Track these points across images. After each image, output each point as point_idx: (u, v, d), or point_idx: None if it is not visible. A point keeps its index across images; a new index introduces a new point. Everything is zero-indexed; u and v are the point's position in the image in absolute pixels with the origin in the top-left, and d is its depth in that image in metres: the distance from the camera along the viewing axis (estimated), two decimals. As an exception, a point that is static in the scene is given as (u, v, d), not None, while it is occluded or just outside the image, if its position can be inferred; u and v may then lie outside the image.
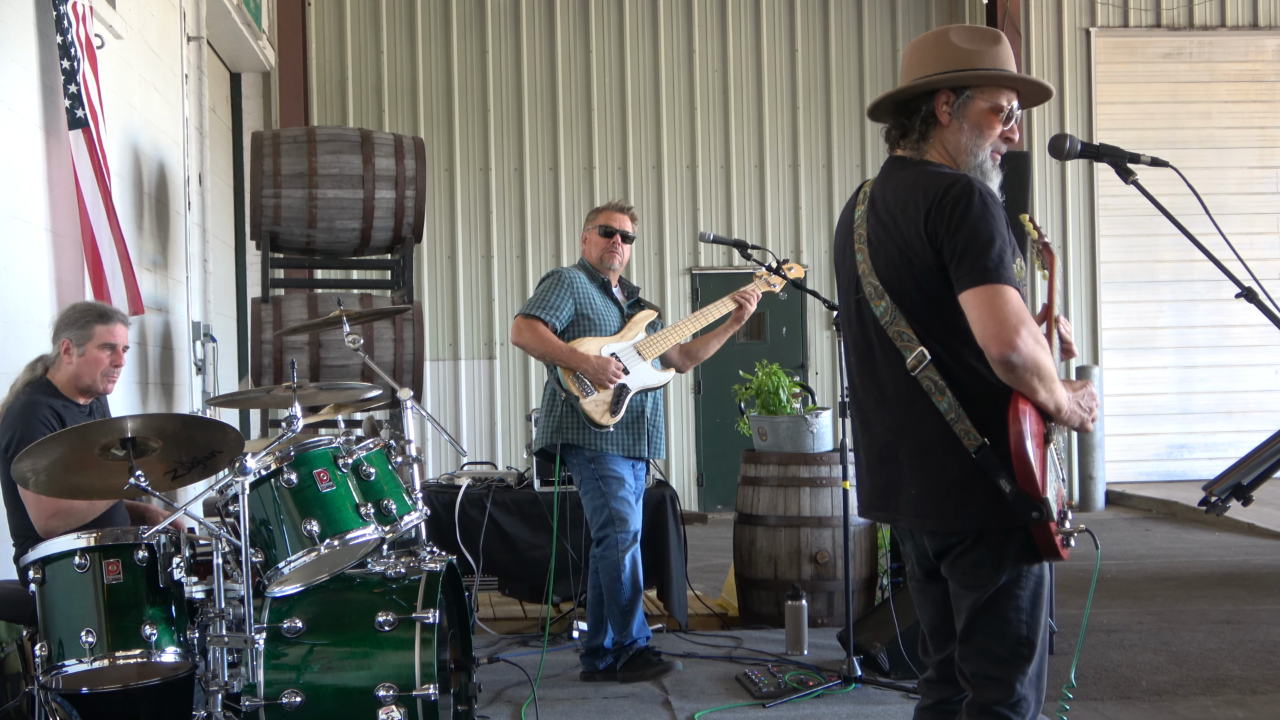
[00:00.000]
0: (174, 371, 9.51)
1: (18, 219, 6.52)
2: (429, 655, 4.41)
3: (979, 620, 3.22)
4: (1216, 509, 3.00)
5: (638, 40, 14.63)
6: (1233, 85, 15.06)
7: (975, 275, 3.07)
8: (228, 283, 12.62)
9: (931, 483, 3.24)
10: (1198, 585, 9.20)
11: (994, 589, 3.19)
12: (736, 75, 14.73)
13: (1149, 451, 15.03)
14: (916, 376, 3.19)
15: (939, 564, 3.32)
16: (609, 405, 6.13)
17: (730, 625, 7.73)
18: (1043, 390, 3.10)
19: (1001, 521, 3.14)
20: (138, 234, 8.74)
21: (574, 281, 6.28)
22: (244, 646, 4.32)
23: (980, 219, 3.09)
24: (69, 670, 4.26)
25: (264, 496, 4.49)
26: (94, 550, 4.31)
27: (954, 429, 3.16)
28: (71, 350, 5.04)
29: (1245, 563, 10.17)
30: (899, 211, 3.23)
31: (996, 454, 3.11)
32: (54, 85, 6.89)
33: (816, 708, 5.77)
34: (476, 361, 14.47)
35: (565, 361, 6.12)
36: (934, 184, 3.18)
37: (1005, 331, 3.02)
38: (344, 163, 9.78)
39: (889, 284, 3.24)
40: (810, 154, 14.80)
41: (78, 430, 4.26)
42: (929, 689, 3.45)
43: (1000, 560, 3.18)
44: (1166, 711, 5.82)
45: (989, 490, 3.13)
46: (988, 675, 3.21)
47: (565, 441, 6.19)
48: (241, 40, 12.46)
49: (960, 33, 3.35)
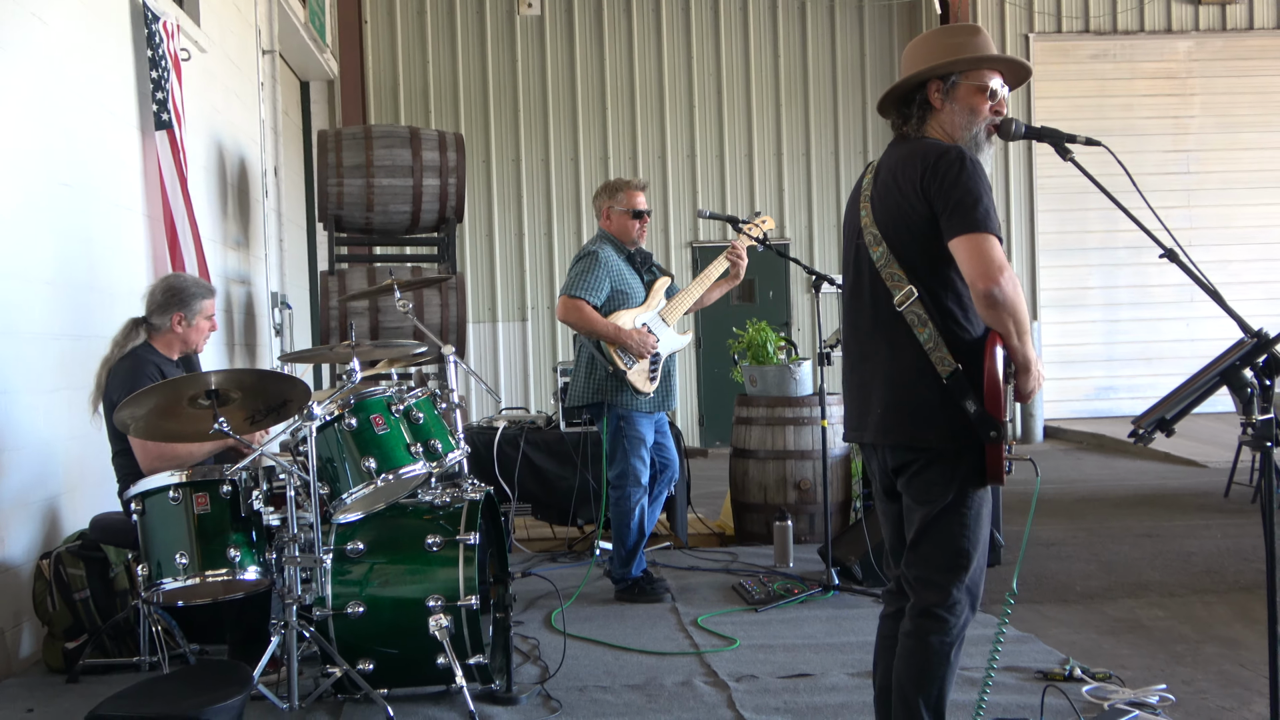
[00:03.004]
0: (256, 334, 9.49)
1: (119, 206, 6.49)
2: (470, 571, 4.39)
3: (927, 531, 3.19)
4: (1144, 439, 2.98)
5: (644, 50, 14.60)
6: (1150, 81, 15.06)
7: (966, 225, 3.03)
8: (300, 259, 12.61)
9: (900, 404, 3.19)
10: (1123, 505, 9.18)
11: (943, 505, 3.15)
12: (728, 78, 14.73)
13: (1080, 393, 15.10)
14: (902, 311, 3.15)
15: (896, 481, 3.27)
16: (648, 373, 6.01)
17: (727, 543, 7.72)
18: (1016, 336, 3.07)
19: (956, 444, 3.11)
20: (222, 218, 8.70)
21: (608, 260, 6.03)
22: (314, 565, 4.32)
23: (971, 179, 3.05)
24: (166, 587, 4.24)
25: (329, 438, 4.47)
26: (185, 485, 4.29)
27: (930, 357, 3.11)
28: (183, 321, 5.09)
29: (1163, 485, 10.16)
30: (900, 173, 3.19)
31: (968, 378, 3.07)
32: (147, 92, 6.85)
33: (800, 611, 5.75)
34: (511, 323, 14.52)
35: (611, 339, 5.91)
36: (930, 151, 3.15)
37: (991, 270, 2.99)
38: (396, 156, 9.73)
39: (886, 233, 3.21)
40: (791, 144, 14.82)
41: (170, 383, 4.23)
42: (890, 599, 3.42)
43: (951, 479, 3.14)
44: (1098, 612, 5.79)
45: (950, 416, 3.09)
46: (929, 580, 3.18)
47: (604, 400, 6.04)
48: (309, 53, 12.44)
49: (944, 31, 3.32)
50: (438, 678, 4.38)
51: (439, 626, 4.31)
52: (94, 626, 4.98)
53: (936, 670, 3.16)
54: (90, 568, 5.04)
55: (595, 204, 6.33)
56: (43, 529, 5.42)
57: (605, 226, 6.23)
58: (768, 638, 5.29)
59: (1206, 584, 6.36)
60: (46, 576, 5.04)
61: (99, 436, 5.17)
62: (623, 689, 4.58)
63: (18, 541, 5.19)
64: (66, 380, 5.66)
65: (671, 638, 5.35)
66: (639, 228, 6.17)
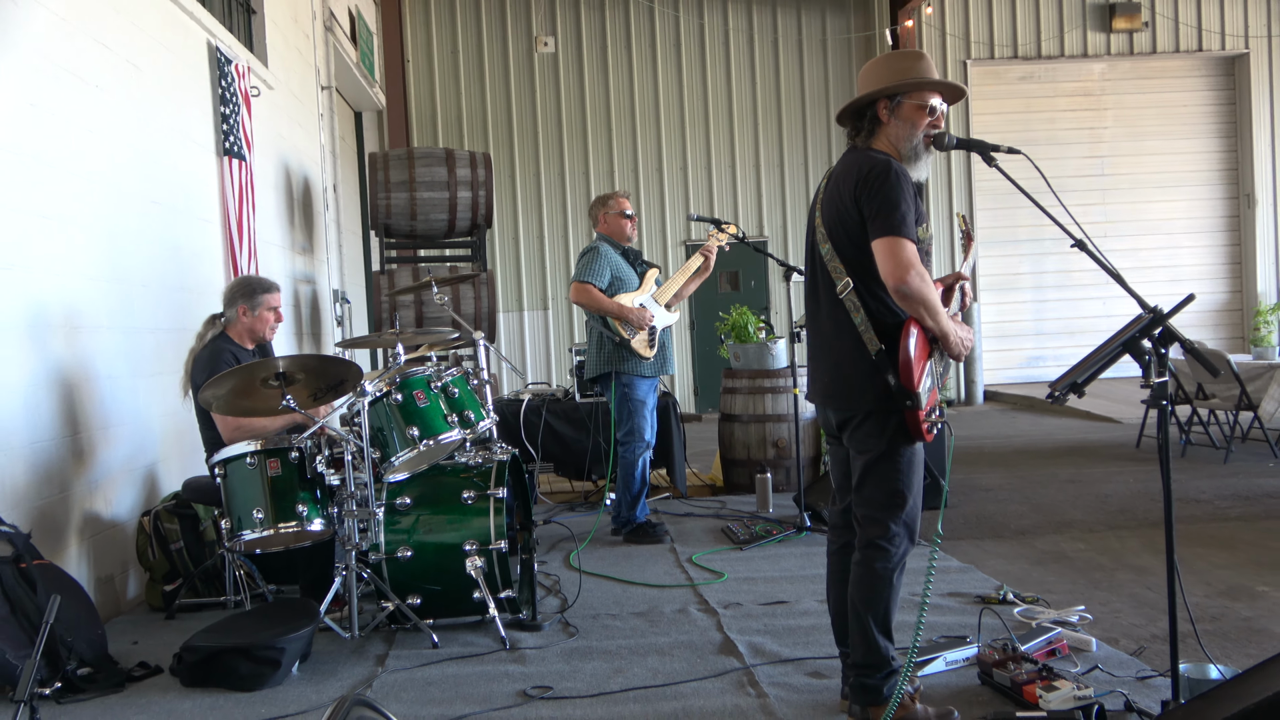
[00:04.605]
0: (320, 324, 9.48)
1: (200, 219, 6.48)
2: (500, 520, 4.40)
3: (867, 476, 3.21)
4: (1059, 400, 3.00)
5: (643, 79, 14.51)
6: (1070, 98, 14.98)
7: (883, 229, 3.03)
8: (356, 260, 12.59)
9: (840, 374, 3.22)
10: (1050, 456, 9.17)
11: (878, 454, 3.17)
12: (714, 101, 14.62)
13: (1014, 362, 15.10)
14: (843, 299, 3.16)
15: (841, 434, 3.31)
16: (648, 341, 6.08)
17: (717, 493, 7.71)
18: (929, 318, 3.08)
19: (883, 407, 3.13)
20: (290, 228, 8.69)
21: (608, 253, 6.12)
22: (369, 518, 4.34)
23: (892, 189, 3.04)
24: (246, 537, 4.27)
25: (379, 411, 4.48)
26: (260, 452, 4.30)
27: (863, 338, 3.13)
28: (248, 312, 5.07)
29: (1084, 439, 10.13)
30: (842, 181, 3.18)
31: (890, 357, 3.09)
32: (220, 123, 6.84)
33: (778, 549, 5.75)
34: (535, 312, 14.48)
35: (615, 314, 6.00)
36: (865, 163, 3.13)
37: (900, 269, 3.00)
38: (434, 173, 9.71)
39: (831, 232, 3.20)
40: (767, 155, 14.70)
41: (245, 367, 4.23)
42: (834, 534, 3.45)
43: (882, 433, 3.16)
44: (1028, 546, 5.79)
45: (878, 385, 3.12)
46: (872, 517, 3.21)
47: (613, 369, 6.09)
48: (360, 88, 12.39)
49: (892, 56, 3.28)
50: (474, 609, 4.40)
51: (474, 566, 4.33)
52: (187, 572, 5.01)
53: (882, 591, 3.19)
54: (183, 523, 5.06)
55: (591, 214, 6.41)
56: (144, 491, 5.44)
57: (602, 230, 6.30)
58: (751, 571, 5.30)
59: (1120, 521, 6.35)
60: (147, 530, 5.06)
61: (188, 413, 5.19)
62: (629, 616, 4.59)
63: (123, 502, 5.21)
64: (161, 366, 5.67)
65: (670, 573, 5.36)
66: (630, 226, 6.28)
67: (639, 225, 14.08)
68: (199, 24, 6.61)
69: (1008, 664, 3.50)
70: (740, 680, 3.72)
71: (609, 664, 3.95)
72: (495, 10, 14.35)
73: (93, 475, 4.92)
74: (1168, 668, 3.12)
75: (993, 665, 3.52)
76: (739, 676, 3.76)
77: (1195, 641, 3.79)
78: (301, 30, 9.59)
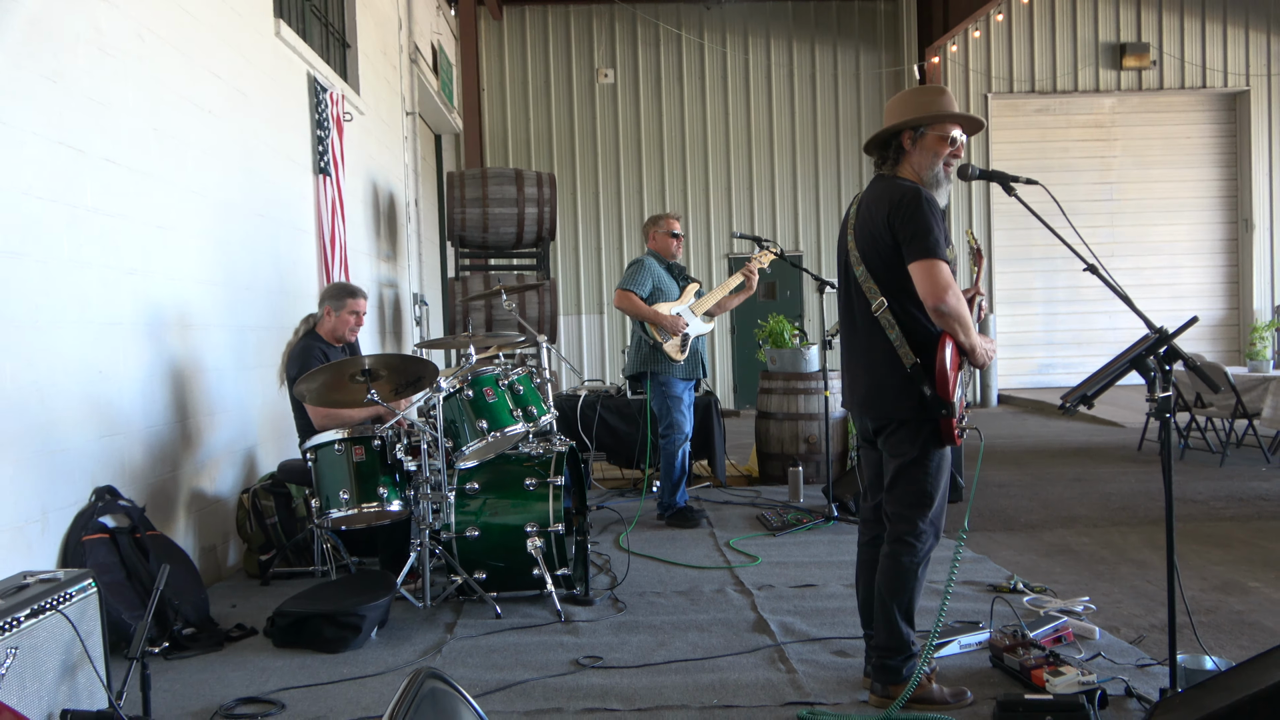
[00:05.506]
0: (402, 325, 9.56)
1: (298, 229, 6.56)
2: (558, 505, 4.41)
3: (899, 477, 3.16)
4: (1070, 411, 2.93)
5: (692, 108, 14.49)
6: (1082, 129, 14.77)
7: (920, 252, 2.98)
8: (434, 268, 12.67)
9: (877, 386, 3.17)
10: (1058, 456, 9.02)
11: (910, 458, 3.13)
12: (756, 129, 14.56)
13: (1026, 369, 14.91)
14: (877, 316, 3.12)
15: (876, 439, 3.26)
16: (679, 347, 6.06)
17: (753, 483, 7.67)
18: (962, 334, 3.04)
19: (918, 416, 3.09)
20: (376, 238, 8.77)
21: (652, 266, 6.14)
22: (441, 500, 4.35)
23: (924, 215, 2.99)
24: (333, 515, 4.30)
25: (452, 405, 4.49)
26: (346, 440, 4.34)
27: (898, 352, 3.09)
28: (332, 313, 5.08)
29: (1089, 441, 9.97)
30: (874, 209, 3.13)
31: (924, 370, 3.05)
32: (316, 144, 6.91)
33: (808, 536, 5.71)
34: (592, 316, 14.51)
35: (652, 320, 6.03)
36: (895, 191, 3.08)
37: (939, 290, 2.96)
38: (504, 191, 9.74)
39: (865, 255, 3.16)
40: (804, 178, 14.61)
41: (334, 364, 4.27)
42: (865, 527, 3.39)
43: (915, 440, 3.11)
44: (1037, 539, 5.70)
45: (912, 395, 3.08)
46: (902, 515, 3.16)
47: (649, 370, 6.10)
48: (440, 113, 12.47)
49: (917, 91, 3.23)
50: (533, 584, 4.41)
51: (534, 546, 4.34)
52: (280, 544, 5.07)
53: (907, 583, 3.15)
54: (278, 500, 5.12)
55: (644, 230, 6.42)
56: (243, 471, 5.51)
57: (652, 246, 6.32)
58: (783, 556, 5.26)
59: (1122, 518, 6.24)
60: (246, 506, 5.13)
61: (283, 402, 5.25)
62: (672, 594, 4.57)
63: (226, 480, 5.28)
64: (260, 360, 5.74)
65: (709, 555, 5.34)
66: (676, 245, 6.29)
67: (686, 240, 14.05)
68: (300, 57, 6.69)
69: (1017, 649, 3.44)
70: (772, 656, 3.69)
71: (653, 638, 3.94)
72: (561, 45, 14.40)
73: (199, 456, 4.99)
74: (1165, 656, 3.05)
75: (1004, 650, 3.46)
76: (770, 653, 3.73)
77: (1191, 633, 3.71)
78: (390, 62, 9.67)
